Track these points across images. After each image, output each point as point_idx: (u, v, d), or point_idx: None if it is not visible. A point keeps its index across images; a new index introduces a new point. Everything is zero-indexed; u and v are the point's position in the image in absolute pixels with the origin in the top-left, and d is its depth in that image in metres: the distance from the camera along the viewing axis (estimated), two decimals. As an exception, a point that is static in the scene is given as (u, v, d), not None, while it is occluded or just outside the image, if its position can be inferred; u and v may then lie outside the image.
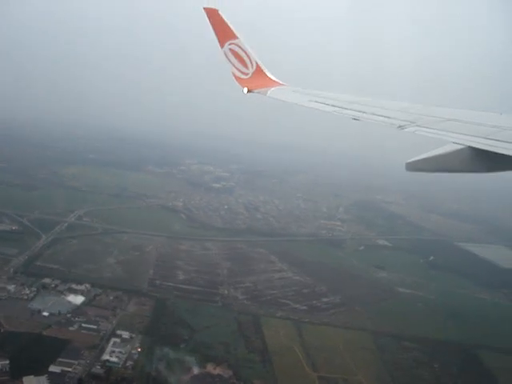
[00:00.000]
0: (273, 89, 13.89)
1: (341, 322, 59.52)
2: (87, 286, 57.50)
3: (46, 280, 57.83)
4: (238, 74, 14.29)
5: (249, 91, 14.04)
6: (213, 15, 13.10)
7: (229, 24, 13.25)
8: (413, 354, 54.39)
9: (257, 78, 14.25)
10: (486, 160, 7.33)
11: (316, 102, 11.78)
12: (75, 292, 55.78)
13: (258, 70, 14.29)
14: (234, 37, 13.49)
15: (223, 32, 13.37)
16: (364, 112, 10.23)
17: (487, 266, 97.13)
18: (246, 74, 14.28)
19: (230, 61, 14.01)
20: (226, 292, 63.28)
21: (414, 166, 7.71)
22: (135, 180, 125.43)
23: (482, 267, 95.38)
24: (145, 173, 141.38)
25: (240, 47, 13.77)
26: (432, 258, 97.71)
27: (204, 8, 12.99)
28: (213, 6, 13.05)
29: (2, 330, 45.61)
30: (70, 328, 48.19)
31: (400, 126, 8.71)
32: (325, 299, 66.21)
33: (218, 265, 72.88)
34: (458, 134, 7.87)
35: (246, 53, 13.93)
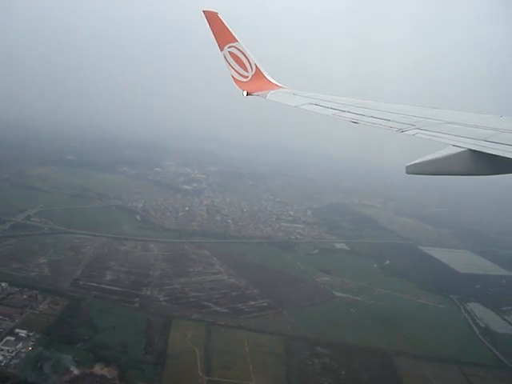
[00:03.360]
0: (272, 92, 13.97)
1: (258, 325, 58.87)
2: (3, 284, 58.12)
3: (-37, 279, 58.67)
4: (238, 76, 14.39)
5: (248, 94, 14.16)
6: (212, 18, 13.24)
7: (228, 27, 13.35)
8: (323, 361, 53.43)
9: (256, 81, 14.35)
10: (486, 163, 7.37)
11: (316, 104, 11.89)
12: (-12, 290, 56.52)
13: (258, 73, 14.39)
14: (234, 40, 13.60)
15: (223, 35, 13.48)
16: (363, 115, 10.28)
17: (444, 271, 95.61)
18: (246, 77, 14.37)
19: (229, 64, 14.12)
20: (149, 293, 63.26)
21: (414, 169, 7.75)
22: (103, 181, 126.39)
23: (437, 272, 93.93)
24: (117, 174, 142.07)
25: (239, 50, 13.86)
26: (388, 262, 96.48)
27: (203, 11, 13.12)
28: (212, 9, 13.20)
29: None
30: (-31, 326, 48.87)
31: (400, 129, 8.76)
32: (252, 302, 65.70)
33: (153, 266, 72.96)
34: (458, 137, 7.93)
35: (245, 56, 14.03)
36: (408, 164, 7.79)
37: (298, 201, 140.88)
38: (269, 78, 14.64)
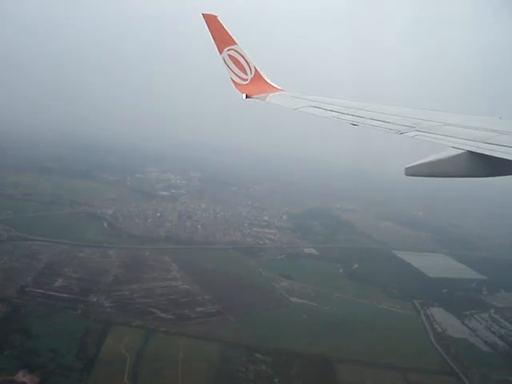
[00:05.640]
0: (272, 94, 14.16)
1: (201, 332, 58.36)
2: None
3: None
4: (237, 79, 14.56)
5: (247, 97, 14.34)
6: (211, 21, 13.38)
7: (227, 30, 13.49)
8: (259, 368, 52.72)
9: (256, 84, 14.51)
10: (485, 164, 7.50)
11: (315, 107, 12.01)
12: None
13: (257, 76, 14.59)
14: (233, 42, 13.76)
15: (222, 38, 13.62)
16: (363, 117, 10.41)
17: (413, 276, 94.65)
18: (245, 80, 14.55)
19: (228, 67, 14.28)
20: (95, 300, 63.13)
21: (413, 171, 7.89)
22: (80, 188, 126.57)
23: (406, 276, 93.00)
24: (95, 181, 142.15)
25: (239, 53, 14.00)
26: (356, 266, 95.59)
27: (203, 14, 13.27)
28: (212, 12, 13.38)
29: None
30: None
31: (399, 131, 8.91)
32: (200, 309, 65.28)
33: (107, 272, 72.82)
34: (458, 139, 8.03)
35: (244, 58, 14.17)
36: (407, 166, 7.88)
37: (277, 206, 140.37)
38: (268, 80, 14.76)
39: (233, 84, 14.64)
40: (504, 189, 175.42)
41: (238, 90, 14.58)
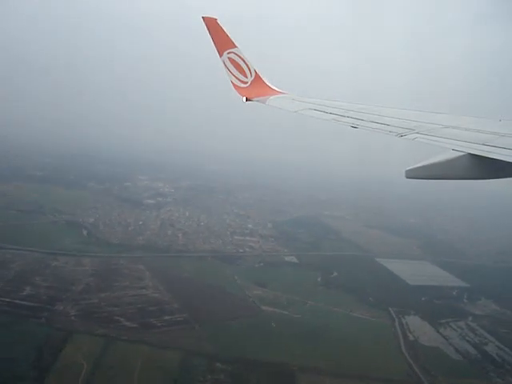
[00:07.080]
0: (272, 97, 14.26)
1: (163, 341, 58.04)
2: None
3: None
4: (237, 82, 14.70)
5: (248, 100, 14.48)
6: (212, 24, 13.56)
7: (227, 33, 13.69)
8: (217, 377, 52.24)
9: (256, 87, 14.63)
10: (485, 167, 7.58)
11: (315, 110, 12.06)
12: None
13: (257, 79, 14.72)
14: (233, 46, 13.95)
15: (222, 41, 13.75)
16: (363, 120, 10.48)
17: (392, 283, 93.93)
18: (245, 83, 14.65)
19: (228, 70, 14.44)
20: (61, 308, 63.07)
21: (414, 174, 7.95)
22: (65, 197, 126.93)
23: (385, 284, 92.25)
24: (82, 189, 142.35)
25: (239, 56, 14.17)
26: (335, 274, 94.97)
27: (203, 17, 13.43)
28: (212, 16, 13.59)
29: None
30: None
31: (399, 134, 8.97)
32: (167, 317, 64.95)
33: (78, 281, 72.75)
34: (458, 141, 8.09)
35: (244, 61, 14.34)
36: (407, 168, 7.91)
37: (263, 214, 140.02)
38: (268, 83, 14.85)
39: (233, 87, 14.70)
40: (505, 190, 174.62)
41: (238, 93, 14.65)
